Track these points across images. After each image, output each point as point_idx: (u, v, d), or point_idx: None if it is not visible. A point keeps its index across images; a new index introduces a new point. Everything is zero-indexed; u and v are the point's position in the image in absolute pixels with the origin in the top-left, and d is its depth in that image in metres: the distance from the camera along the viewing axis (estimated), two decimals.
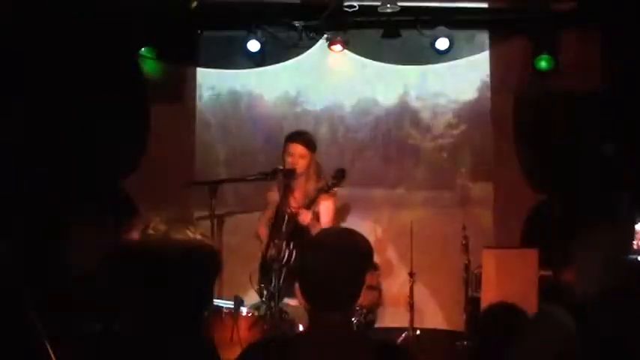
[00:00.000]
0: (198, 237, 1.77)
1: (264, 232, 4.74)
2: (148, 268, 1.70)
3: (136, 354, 1.71)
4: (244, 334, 3.93)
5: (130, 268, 1.72)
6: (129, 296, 1.72)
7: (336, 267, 1.98)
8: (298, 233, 4.37)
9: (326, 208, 4.57)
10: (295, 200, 4.55)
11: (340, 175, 4.29)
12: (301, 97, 6.46)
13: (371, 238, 2.23)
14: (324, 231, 2.50)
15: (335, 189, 4.48)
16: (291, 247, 4.32)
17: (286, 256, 4.33)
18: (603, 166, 5.76)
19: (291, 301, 4.27)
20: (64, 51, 5.47)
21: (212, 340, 2.89)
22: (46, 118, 5.46)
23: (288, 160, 4.49)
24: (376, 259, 5.36)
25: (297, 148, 4.50)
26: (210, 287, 1.81)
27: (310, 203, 4.42)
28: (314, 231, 4.24)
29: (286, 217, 4.41)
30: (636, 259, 4.34)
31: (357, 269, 2.02)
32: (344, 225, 5.40)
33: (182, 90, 6.43)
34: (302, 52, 6.33)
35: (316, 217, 4.50)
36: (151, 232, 1.72)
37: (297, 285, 2.03)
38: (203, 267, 1.76)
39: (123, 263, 1.73)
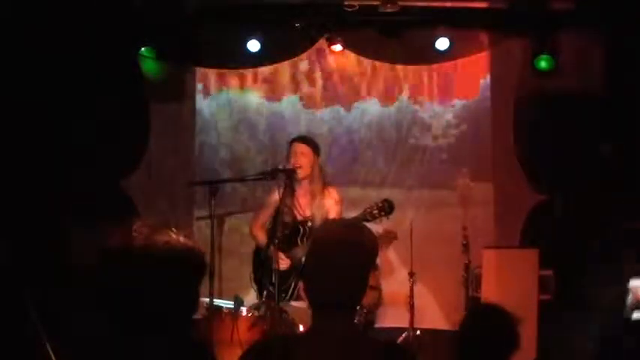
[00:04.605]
0: (181, 239, 1.78)
1: (261, 235, 4.77)
2: (131, 269, 1.72)
3: (123, 354, 1.72)
4: (244, 334, 3.94)
5: (113, 269, 1.73)
6: (116, 297, 1.74)
7: (341, 268, 1.95)
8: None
9: (334, 214, 4.65)
10: (300, 206, 4.60)
11: (388, 209, 4.37)
12: (301, 97, 6.45)
13: None
14: (330, 227, 2.37)
15: (337, 195, 4.64)
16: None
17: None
18: (603, 166, 5.76)
19: (293, 302, 4.28)
20: (64, 51, 5.47)
21: (202, 341, 2.89)
22: (46, 118, 5.46)
23: (292, 160, 4.62)
24: None
25: (300, 147, 4.66)
26: (195, 288, 1.82)
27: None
28: None
29: (299, 226, 4.59)
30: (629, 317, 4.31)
31: (362, 270, 1.99)
32: None
33: (182, 90, 6.43)
34: (302, 52, 6.32)
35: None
36: (134, 234, 1.74)
37: (301, 284, 2.03)
38: (186, 268, 1.77)
39: (107, 265, 1.75)
